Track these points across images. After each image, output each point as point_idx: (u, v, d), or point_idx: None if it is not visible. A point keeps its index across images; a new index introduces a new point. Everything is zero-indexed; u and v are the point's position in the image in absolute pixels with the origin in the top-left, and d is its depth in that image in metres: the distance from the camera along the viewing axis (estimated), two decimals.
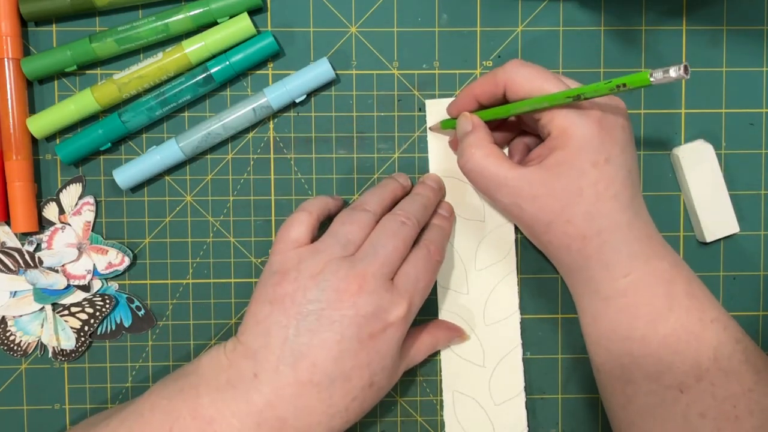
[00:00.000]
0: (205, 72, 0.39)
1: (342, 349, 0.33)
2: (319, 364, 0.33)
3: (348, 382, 0.33)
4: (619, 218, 0.34)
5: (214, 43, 0.39)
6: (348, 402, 0.33)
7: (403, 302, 0.34)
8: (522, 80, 0.35)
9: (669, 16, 0.41)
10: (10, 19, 0.39)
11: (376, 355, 0.34)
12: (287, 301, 0.34)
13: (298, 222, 0.36)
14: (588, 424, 0.42)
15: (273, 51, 0.40)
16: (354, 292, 0.33)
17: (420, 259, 0.36)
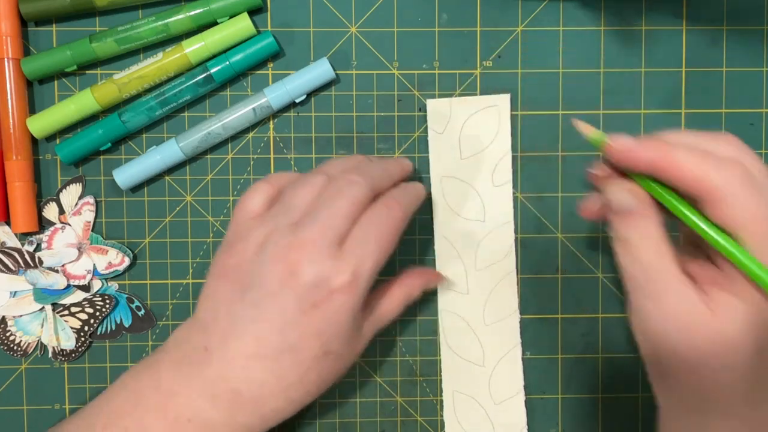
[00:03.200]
0: (205, 72, 0.39)
1: (285, 321, 0.32)
2: (263, 337, 0.32)
3: (297, 353, 0.32)
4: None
5: (214, 43, 0.39)
6: (302, 373, 0.32)
7: (348, 268, 0.32)
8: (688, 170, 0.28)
9: (669, 16, 0.41)
10: (10, 19, 0.39)
11: (324, 324, 0.32)
12: (232, 273, 0.33)
13: (254, 192, 0.35)
14: (588, 424, 0.42)
15: (273, 51, 0.39)
16: (294, 262, 0.32)
17: (374, 217, 0.33)
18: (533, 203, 0.41)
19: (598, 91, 0.41)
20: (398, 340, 0.42)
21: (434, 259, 0.41)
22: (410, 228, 0.41)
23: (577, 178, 0.41)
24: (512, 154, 0.41)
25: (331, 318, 0.32)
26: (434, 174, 0.41)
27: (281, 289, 0.32)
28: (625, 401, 0.42)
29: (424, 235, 0.41)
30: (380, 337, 0.41)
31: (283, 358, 0.32)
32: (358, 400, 0.42)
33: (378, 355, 0.42)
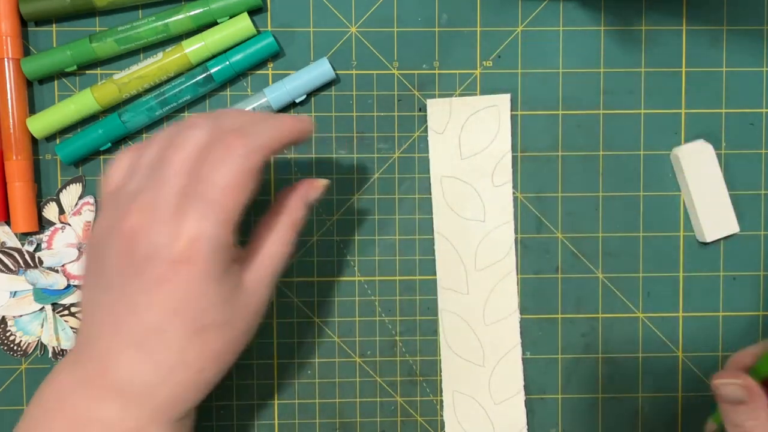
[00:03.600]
0: (205, 72, 0.39)
1: (135, 302, 0.28)
2: (121, 327, 0.28)
3: (162, 335, 0.28)
4: None
5: (214, 43, 0.39)
6: (177, 354, 0.28)
7: (185, 232, 0.27)
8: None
9: (669, 16, 0.41)
10: (10, 19, 0.39)
11: (176, 301, 0.28)
12: (92, 253, 0.30)
13: (115, 162, 0.31)
14: (588, 424, 0.42)
15: (273, 51, 0.39)
16: (128, 235, 0.28)
17: (212, 162, 0.28)
18: (533, 203, 0.41)
19: (598, 91, 0.41)
20: (398, 340, 0.42)
21: (434, 259, 0.41)
22: (410, 228, 0.41)
23: (577, 178, 0.41)
24: (512, 154, 0.41)
25: (183, 293, 0.28)
26: (434, 174, 0.41)
27: (123, 268, 0.28)
28: (625, 401, 0.42)
29: (424, 235, 0.41)
30: (380, 337, 0.41)
31: (148, 343, 0.28)
32: (358, 400, 0.42)
33: (378, 355, 0.42)
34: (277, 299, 0.41)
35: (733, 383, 0.32)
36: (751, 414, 0.32)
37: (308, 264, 0.41)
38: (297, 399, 0.42)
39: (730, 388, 0.33)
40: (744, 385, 0.32)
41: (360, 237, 0.41)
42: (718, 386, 0.33)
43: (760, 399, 0.32)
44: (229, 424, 0.41)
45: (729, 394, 0.33)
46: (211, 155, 0.28)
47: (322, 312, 0.41)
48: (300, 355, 0.41)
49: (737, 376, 0.33)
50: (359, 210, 0.41)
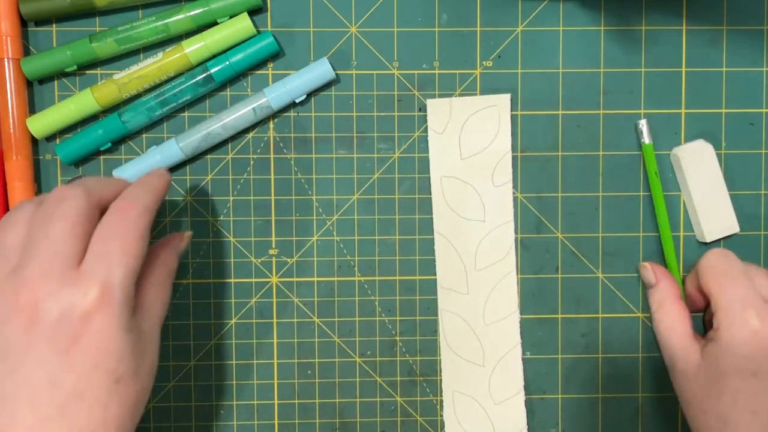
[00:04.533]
0: (205, 72, 0.39)
1: (49, 372, 0.28)
2: (37, 400, 0.28)
3: (83, 397, 0.28)
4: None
5: (214, 43, 0.39)
6: (100, 414, 0.29)
7: (94, 284, 0.28)
8: (707, 271, 0.37)
9: (669, 16, 0.41)
10: (10, 19, 0.39)
11: (96, 353, 0.28)
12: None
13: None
14: (588, 424, 0.42)
15: (273, 51, 0.39)
16: (29, 308, 0.28)
17: (108, 225, 0.30)
18: (533, 203, 0.41)
19: (598, 91, 0.41)
20: (398, 340, 0.42)
21: (434, 259, 0.41)
22: (410, 228, 0.41)
23: (577, 178, 0.41)
24: (512, 154, 0.41)
25: (100, 344, 0.28)
26: (434, 174, 0.41)
27: (30, 342, 0.28)
28: (625, 401, 0.42)
29: (424, 235, 0.41)
30: (380, 337, 0.41)
31: (70, 409, 0.28)
32: (358, 400, 0.42)
33: (378, 355, 0.42)
34: (277, 299, 0.41)
35: (644, 266, 0.40)
36: (655, 296, 0.39)
37: (308, 264, 0.41)
38: (297, 399, 0.42)
39: (641, 270, 0.40)
40: (650, 268, 0.40)
41: (360, 237, 0.41)
42: (639, 268, 0.41)
43: (666, 282, 0.39)
44: (229, 424, 0.41)
45: (642, 276, 0.41)
46: (104, 220, 0.30)
47: (322, 312, 0.41)
48: (300, 355, 0.41)
49: (649, 263, 0.40)
50: (359, 210, 0.41)
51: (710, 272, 0.36)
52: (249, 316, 0.41)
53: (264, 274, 0.41)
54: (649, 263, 0.40)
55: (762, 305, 0.35)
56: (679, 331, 0.38)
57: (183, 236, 0.37)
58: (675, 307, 0.38)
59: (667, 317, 0.38)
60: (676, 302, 0.39)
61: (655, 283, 0.39)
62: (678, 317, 0.38)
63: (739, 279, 0.36)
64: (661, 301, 0.39)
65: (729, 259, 0.37)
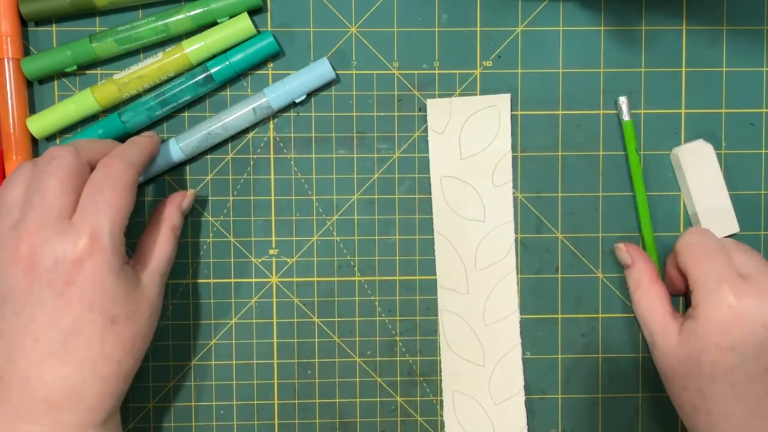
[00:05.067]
0: (205, 72, 0.39)
1: (50, 312, 0.32)
2: (40, 337, 0.32)
3: (81, 334, 0.32)
4: (732, 409, 0.34)
5: (214, 43, 0.39)
6: (97, 349, 0.32)
7: (83, 233, 0.32)
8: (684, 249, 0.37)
9: (669, 16, 0.41)
10: (10, 19, 0.39)
11: (89, 295, 0.32)
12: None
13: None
14: (588, 424, 0.42)
15: (273, 51, 0.39)
16: (28, 255, 0.31)
17: (96, 180, 0.33)
18: (533, 203, 0.41)
19: (598, 91, 0.41)
20: (398, 340, 0.42)
21: (434, 259, 0.41)
22: (410, 228, 0.41)
23: (577, 178, 0.41)
24: (512, 154, 0.41)
25: (93, 286, 0.32)
26: (434, 174, 0.41)
27: (30, 286, 0.31)
28: (625, 401, 0.42)
29: (424, 235, 0.41)
30: (380, 337, 0.41)
31: (69, 344, 0.32)
32: (358, 400, 0.42)
33: (378, 355, 0.42)
34: (277, 299, 0.41)
35: (619, 247, 0.40)
36: (632, 276, 0.40)
37: (308, 264, 0.41)
38: (297, 399, 0.42)
39: (617, 251, 0.41)
40: (627, 250, 0.40)
41: (360, 237, 0.41)
42: (615, 250, 0.41)
43: (642, 263, 0.39)
44: (229, 424, 0.41)
45: (618, 257, 0.41)
46: (93, 176, 0.33)
47: (322, 312, 0.41)
48: (300, 355, 0.42)
49: (628, 245, 0.40)
50: (359, 210, 0.41)
51: (687, 250, 0.37)
52: (249, 316, 0.41)
53: (264, 274, 0.41)
54: (623, 244, 0.40)
55: (738, 281, 0.35)
56: (658, 310, 0.38)
57: (186, 194, 0.39)
58: (653, 286, 0.39)
59: (645, 297, 0.39)
60: (654, 281, 0.39)
61: (631, 264, 0.39)
62: (656, 296, 0.38)
63: (714, 255, 0.36)
64: (638, 280, 0.39)
65: (706, 236, 0.37)
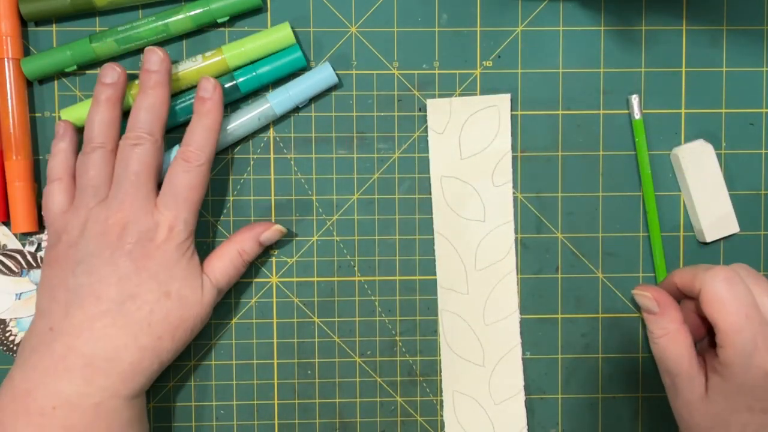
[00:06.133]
0: (232, 81, 0.39)
1: (120, 275, 0.35)
2: (102, 295, 0.35)
3: (137, 299, 0.35)
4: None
5: (254, 50, 0.39)
6: (145, 316, 0.35)
7: (166, 220, 0.36)
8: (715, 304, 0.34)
9: (669, 16, 0.41)
10: (10, 19, 0.39)
11: (158, 267, 0.36)
12: (61, 258, 0.36)
13: (51, 193, 0.38)
14: (588, 424, 0.42)
15: (300, 66, 0.39)
16: (116, 229, 0.35)
17: (177, 173, 0.37)
18: (533, 203, 0.41)
19: (598, 91, 0.41)
20: (398, 340, 0.42)
21: (434, 259, 0.41)
22: (410, 228, 0.41)
23: (577, 178, 0.41)
24: (512, 154, 0.41)
25: (163, 261, 0.36)
26: (434, 174, 0.41)
27: (112, 253, 0.35)
28: (625, 401, 0.42)
29: (424, 235, 0.41)
30: (380, 337, 0.42)
31: (125, 306, 0.35)
32: (358, 400, 0.42)
33: (378, 355, 0.42)
34: (277, 299, 0.41)
35: (644, 295, 0.38)
36: (659, 324, 0.37)
37: (308, 264, 0.41)
38: (297, 399, 0.42)
39: (640, 298, 0.38)
40: (654, 298, 0.37)
41: (360, 237, 0.41)
42: (635, 295, 0.39)
43: (671, 312, 0.37)
44: (229, 424, 0.41)
45: (641, 304, 0.38)
46: (172, 169, 0.37)
47: (322, 312, 0.42)
48: (300, 355, 0.42)
49: (649, 289, 0.38)
50: (359, 210, 0.41)
51: (718, 304, 0.34)
52: (249, 316, 0.41)
53: (264, 274, 0.41)
54: (646, 288, 0.38)
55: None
56: (686, 359, 0.36)
57: (269, 226, 0.40)
58: (681, 334, 0.36)
59: (673, 345, 0.36)
60: (682, 328, 0.36)
61: (660, 313, 0.37)
62: (684, 344, 0.36)
63: (750, 315, 0.33)
64: (666, 328, 0.36)
65: (737, 288, 0.34)
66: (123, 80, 0.38)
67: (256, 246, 0.39)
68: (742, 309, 0.33)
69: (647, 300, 0.37)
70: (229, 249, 0.39)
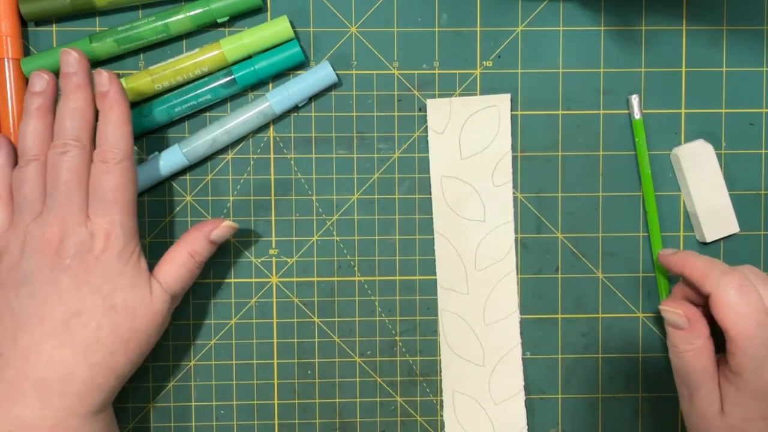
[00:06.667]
0: (229, 76, 0.39)
1: (61, 293, 0.34)
2: (46, 316, 0.34)
3: (81, 315, 0.34)
4: None
5: (252, 44, 0.39)
6: (92, 332, 0.34)
7: (100, 228, 0.35)
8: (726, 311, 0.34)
9: (669, 16, 0.41)
10: (10, 19, 0.39)
11: (100, 280, 0.35)
12: (5, 280, 0.35)
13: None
14: (588, 424, 0.42)
15: (299, 61, 0.39)
16: (55, 246, 0.34)
17: (99, 176, 0.35)
18: (533, 203, 0.41)
19: (598, 91, 0.41)
20: (398, 340, 0.42)
21: (434, 259, 0.41)
22: (410, 228, 0.41)
23: (577, 178, 0.41)
24: (512, 154, 0.41)
25: (103, 274, 0.35)
26: (434, 174, 0.41)
27: (51, 270, 0.34)
28: (625, 401, 0.42)
29: (424, 235, 0.41)
30: (380, 337, 0.42)
31: (69, 325, 0.34)
32: (358, 400, 0.42)
33: (378, 355, 0.42)
34: (277, 299, 0.41)
35: (675, 312, 0.36)
36: (687, 339, 0.36)
37: (308, 264, 0.41)
38: (297, 399, 0.42)
39: (670, 314, 0.37)
40: (684, 314, 0.36)
41: (360, 237, 0.41)
42: (663, 311, 0.37)
43: (700, 328, 0.36)
44: (229, 424, 0.41)
45: (671, 320, 0.37)
46: (96, 172, 0.35)
47: (322, 312, 0.42)
48: (300, 355, 0.42)
49: (680, 305, 0.36)
50: (359, 210, 0.41)
51: (728, 311, 0.34)
52: (249, 316, 0.41)
53: (264, 274, 0.41)
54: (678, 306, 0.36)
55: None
56: (710, 374, 0.35)
57: (218, 223, 0.38)
58: (707, 349, 0.36)
59: (699, 360, 0.36)
60: (708, 343, 0.36)
61: (689, 329, 0.36)
62: (710, 359, 0.36)
63: (762, 322, 0.33)
64: (693, 342, 0.36)
65: (749, 295, 0.34)
66: (53, 87, 0.36)
67: (208, 245, 0.38)
68: (755, 317, 0.33)
69: (678, 317, 0.36)
70: (180, 251, 0.37)
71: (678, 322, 0.36)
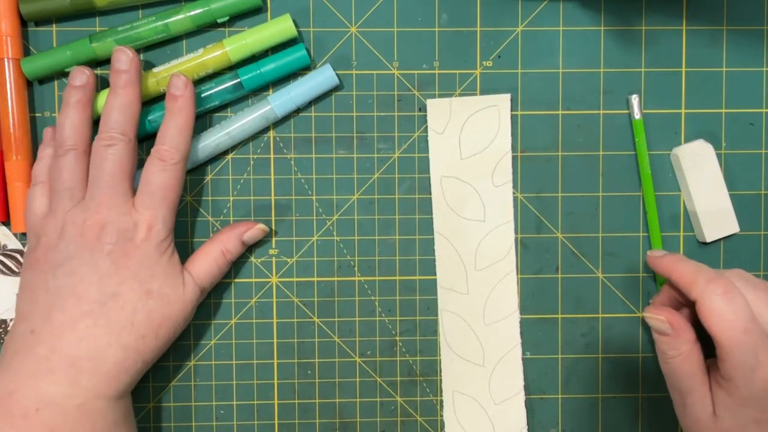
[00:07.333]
0: (235, 79, 0.39)
1: (101, 275, 0.35)
2: (84, 296, 0.35)
3: (119, 298, 0.35)
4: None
5: (255, 43, 0.39)
6: (128, 315, 0.35)
7: (144, 219, 0.36)
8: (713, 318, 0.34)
9: (669, 16, 0.41)
10: (10, 19, 0.39)
11: (138, 266, 0.36)
12: (41, 261, 0.36)
13: (32, 198, 0.38)
14: (588, 424, 0.42)
15: (305, 64, 0.39)
16: (96, 232, 0.35)
17: (153, 172, 0.37)
18: (533, 203, 0.41)
19: (598, 91, 0.41)
20: (398, 340, 0.42)
21: (434, 259, 0.41)
22: (410, 228, 0.41)
23: (577, 178, 0.41)
24: (512, 154, 0.41)
25: (143, 260, 0.36)
26: (434, 174, 0.41)
27: (92, 254, 0.35)
28: (625, 401, 0.42)
29: (424, 235, 0.41)
30: (380, 337, 0.42)
31: (107, 306, 0.35)
32: (358, 400, 0.42)
33: (378, 355, 0.42)
34: (277, 299, 0.41)
35: (658, 318, 0.37)
36: (673, 345, 0.36)
37: (308, 264, 0.41)
38: (297, 399, 0.42)
39: (653, 321, 0.37)
40: (667, 320, 0.36)
41: (360, 237, 0.41)
42: (647, 319, 0.38)
43: (685, 333, 0.36)
44: (229, 424, 0.41)
45: (654, 326, 0.37)
46: (150, 166, 0.37)
47: (322, 312, 0.42)
48: (300, 355, 0.42)
49: (662, 311, 0.37)
50: (359, 210, 0.41)
51: (714, 318, 0.34)
52: (249, 316, 0.41)
53: (264, 274, 0.41)
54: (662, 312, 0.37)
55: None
56: (700, 379, 0.36)
57: (252, 225, 0.40)
58: (695, 354, 0.36)
59: (687, 365, 0.36)
60: (695, 347, 0.36)
61: (674, 335, 0.36)
62: (698, 364, 0.36)
63: (749, 328, 0.33)
64: (679, 349, 0.36)
65: (735, 302, 0.34)
66: (92, 83, 0.38)
67: (240, 245, 0.39)
68: (740, 324, 0.33)
69: (660, 323, 0.37)
70: (213, 248, 0.39)
71: (661, 328, 0.37)
